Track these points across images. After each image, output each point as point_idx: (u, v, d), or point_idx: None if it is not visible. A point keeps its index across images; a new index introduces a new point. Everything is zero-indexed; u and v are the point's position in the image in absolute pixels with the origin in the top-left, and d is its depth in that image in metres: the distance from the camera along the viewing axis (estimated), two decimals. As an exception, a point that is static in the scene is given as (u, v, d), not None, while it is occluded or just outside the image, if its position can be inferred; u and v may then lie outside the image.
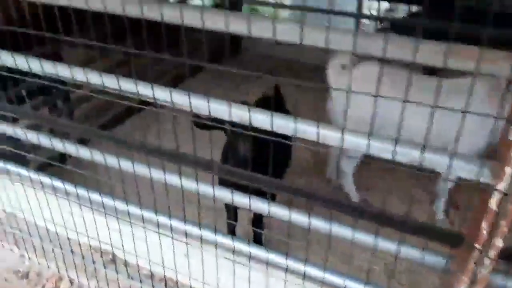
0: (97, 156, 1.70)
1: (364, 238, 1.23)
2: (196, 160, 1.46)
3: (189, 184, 1.54)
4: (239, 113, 1.23)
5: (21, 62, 1.51)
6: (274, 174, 1.38)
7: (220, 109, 1.23)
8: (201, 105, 1.23)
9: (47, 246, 2.30)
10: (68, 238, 2.31)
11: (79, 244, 2.30)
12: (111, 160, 1.66)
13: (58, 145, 1.75)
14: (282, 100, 2.46)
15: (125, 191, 1.71)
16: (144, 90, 1.27)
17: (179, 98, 1.26)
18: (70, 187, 1.96)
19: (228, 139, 2.06)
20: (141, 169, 1.63)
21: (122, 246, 1.93)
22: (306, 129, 1.16)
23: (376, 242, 1.21)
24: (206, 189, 1.54)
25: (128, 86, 1.32)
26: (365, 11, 5.41)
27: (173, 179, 1.52)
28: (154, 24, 1.21)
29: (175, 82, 4.41)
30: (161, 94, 1.26)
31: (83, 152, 1.73)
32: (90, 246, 2.21)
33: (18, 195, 2.19)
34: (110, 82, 1.34)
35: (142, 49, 1.25)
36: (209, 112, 1.22)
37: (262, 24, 1.09)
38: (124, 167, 1.65)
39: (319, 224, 1.35)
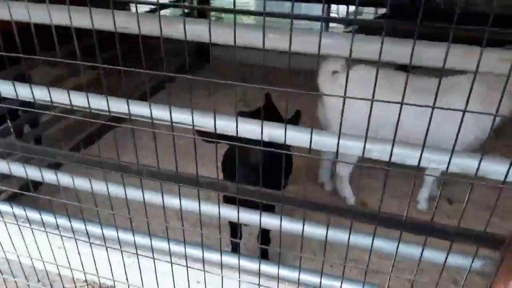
0: (86, 184, 1.55)
1: (408, 250, 1.19)
2: (211, 182, 1.36)
3: (202, 206, 1.44)
4: (249, 128, 1.16)
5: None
6: (279, 185, 1.33)
7: (228, 125, 1.16)
8: (207, 123, 1.15)
9: (34, 285, 2.09)
10: (59, 274, 2.11)
11: (73, 280, 2.11)
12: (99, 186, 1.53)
13: (50, 176, 1.59)
14: (275, 108, 2.39)
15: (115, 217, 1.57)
16: (158, 112, 1.16)
17: (182, 117, 1.16)
18: (62, 220, 1.78)
19: (230, 150, 2.01)
20: (135, 193, 1.50)
21: (127, 279, 1.77)
22: (325, 140, 1.11)
23: (423, 253, 1.17)
24: (211, 209, 1.45)
25: (137, 109, 1.20)
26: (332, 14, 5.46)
27: (189, 205, 1.42)
28: (120, 37, 1.09)
29: (146, 96, 4.22)
30: (180, 116, 1.15)
31: (80, 182, 1.57)
32: (86, 281, 2.04)
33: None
34: (117, 106, 1.21)
35: (112, 64, 1.12)
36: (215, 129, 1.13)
37: (225, 30, 1.08)
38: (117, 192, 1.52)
39: (346, 237, 1.30)
